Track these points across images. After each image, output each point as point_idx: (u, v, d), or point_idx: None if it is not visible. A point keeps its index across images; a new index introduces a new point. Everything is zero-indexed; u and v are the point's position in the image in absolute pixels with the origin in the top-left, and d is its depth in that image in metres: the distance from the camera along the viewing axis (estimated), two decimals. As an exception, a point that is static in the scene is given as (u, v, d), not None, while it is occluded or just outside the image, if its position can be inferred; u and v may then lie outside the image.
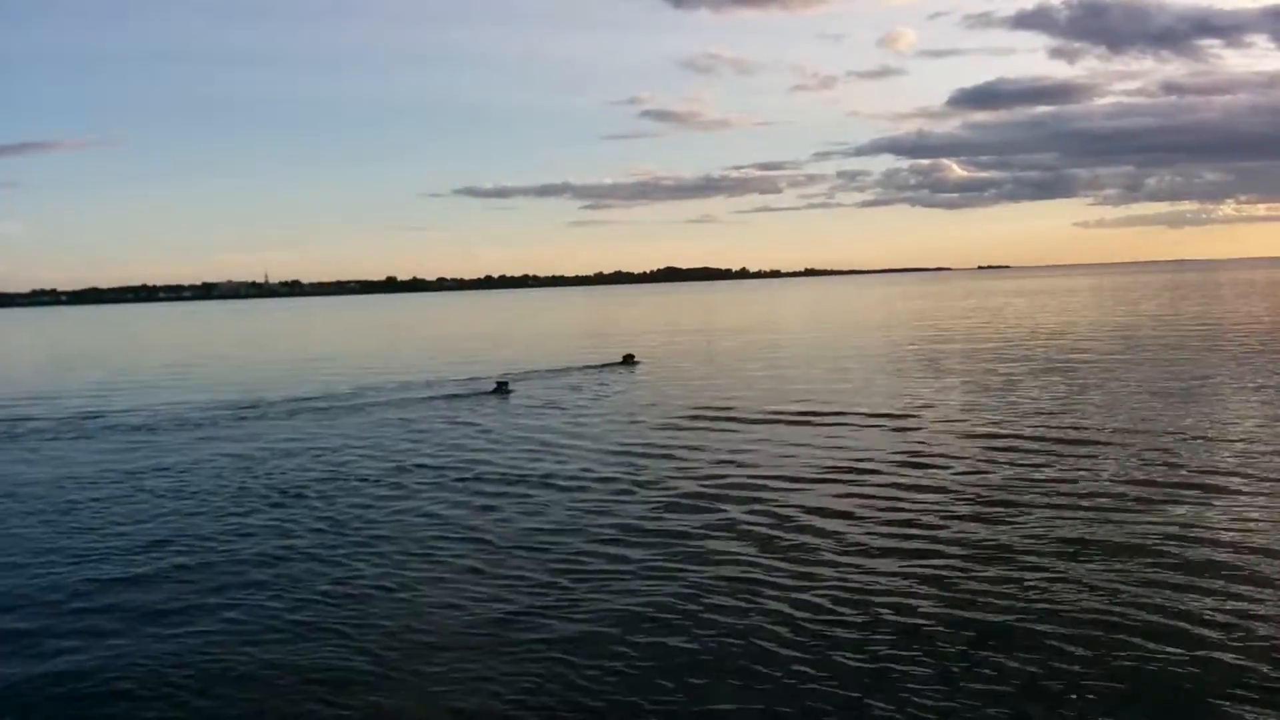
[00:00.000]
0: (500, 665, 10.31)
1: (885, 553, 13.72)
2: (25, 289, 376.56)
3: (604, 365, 42.47)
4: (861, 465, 19.57)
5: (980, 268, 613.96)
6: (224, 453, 23.63)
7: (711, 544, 14.46)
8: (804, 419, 25.85)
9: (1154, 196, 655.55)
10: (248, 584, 13.32)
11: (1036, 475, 18.16)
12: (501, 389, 33.54)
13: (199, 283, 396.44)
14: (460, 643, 10.98)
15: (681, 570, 13.25)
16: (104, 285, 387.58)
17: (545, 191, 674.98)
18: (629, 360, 43.11)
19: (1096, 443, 20.91)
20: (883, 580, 12.56)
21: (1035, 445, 20.91)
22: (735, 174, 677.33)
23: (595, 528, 15.55)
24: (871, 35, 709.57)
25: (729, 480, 18.67)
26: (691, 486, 18.26)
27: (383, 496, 18.35)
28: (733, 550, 14.11)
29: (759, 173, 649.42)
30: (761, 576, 12.86)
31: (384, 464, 21.45)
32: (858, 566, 13.16)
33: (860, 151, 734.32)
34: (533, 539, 15.02)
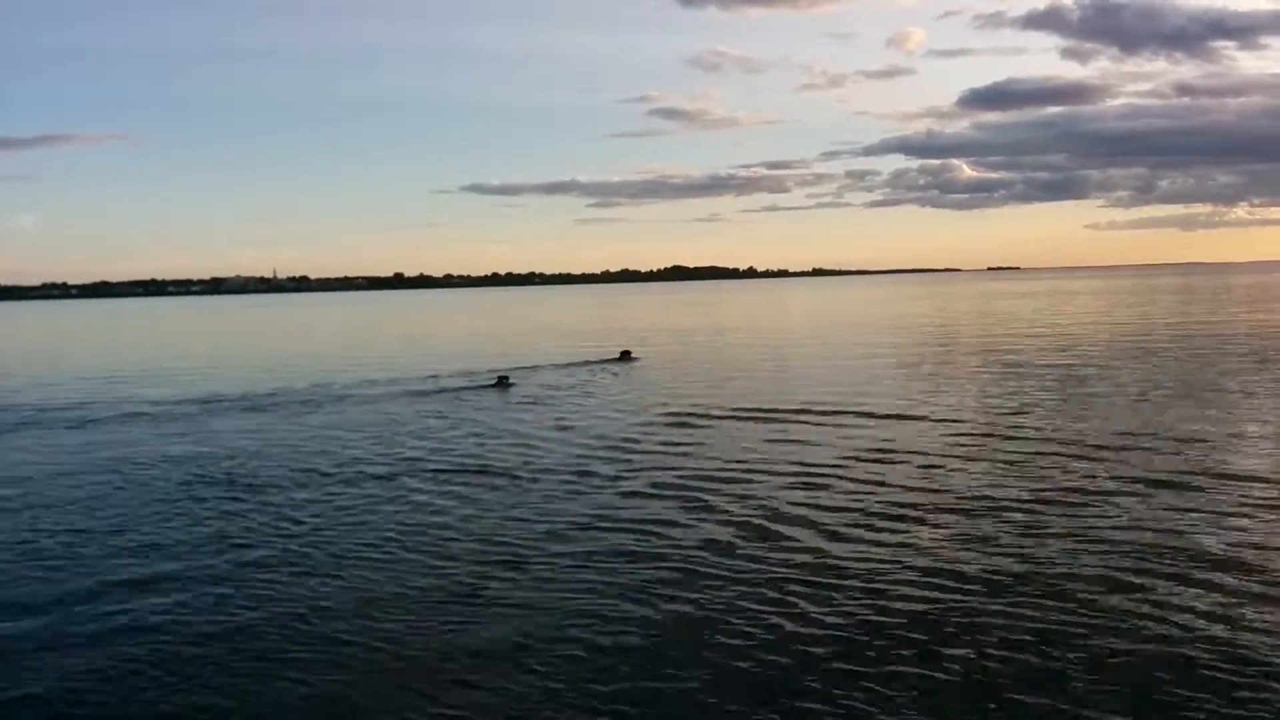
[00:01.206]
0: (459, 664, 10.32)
1: (859, 542, 13.78)
2: (36, 282, 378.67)
3: (602, 361, 42.89)
4: (842, 461, 19.58)
5: (990, 269, 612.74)
6: (222, 444, 23.87)
7: (668, 533, 14.55)
8: (791, 416, 25.87)
9: (1166, 199, 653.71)
10: (211, 568, 13.36)
11: (1032, 476, 18.07)
12: (502, 383, 34.09)
13: (208, 277, 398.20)
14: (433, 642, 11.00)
15: (635, 557, 13.35)
16: (114, 279, 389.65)
17: (553, 189, 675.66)
18: (626, 356, 43.65)
19: (1092, 445, 20.70)
20: (854, 571, 12.62)
21: (1030, 448, 20.65)
22: (743, 173, 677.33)
23: (556, 516, 15.69)
24: (880, 35, 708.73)
25: (699, 471, 18.80)
26: (661, 477, 18.38)
27: (382, 481, 18.56)
28: (693, 539, 14.17)
29: (767, 172, 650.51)
30: (730, 564, 12.93)
31: (387, 452, 21.96)
32: (822, 551, 13.21)
33: (869, 151, 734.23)
34: (507, 525, 15.14)
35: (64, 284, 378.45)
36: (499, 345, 58.06)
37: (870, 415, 25.45)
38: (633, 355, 43.91)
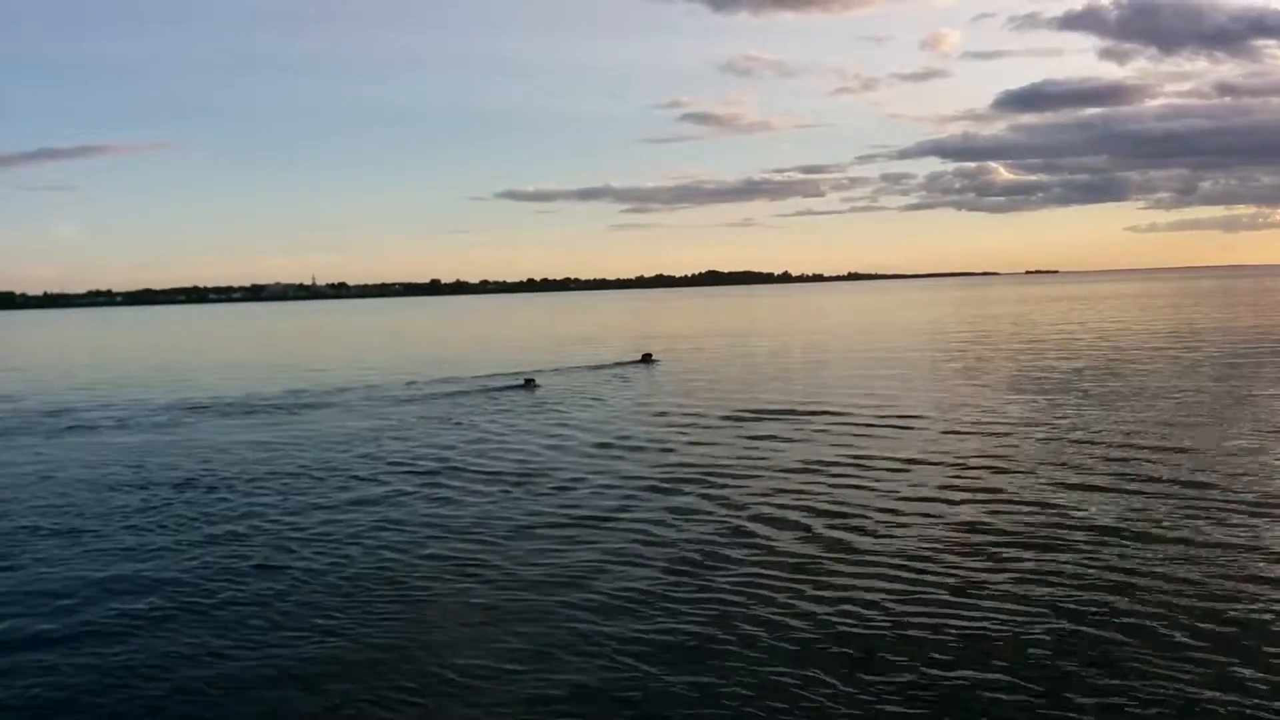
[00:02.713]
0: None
1: (861, 548, 14.66)
2: (81, 290, 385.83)
3: (624, 364, 44.57)
4: (856, 463, 20.48)
5: (1028, 272, 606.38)
6: (274, 439, 25.54)
7: (660, 530, 15.63)
8: (801, 418, 26.77)
9: (1208, 200, 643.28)
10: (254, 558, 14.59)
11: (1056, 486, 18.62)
12: (529, 384, 36.03)
13: (248, 284, 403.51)
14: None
15: (632, 554, 14.39)
16: (157, 286, 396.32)
17: (586, 195, 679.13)
18: (647, 359, 45.46)
19: (1110, 446, 21.17)
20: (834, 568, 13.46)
21: (1056, 452, 21.14)
22: (777, 177, 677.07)
23: (561, 511, 16.86)
24: (914, 37, 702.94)
25: (702, 469, 19.83)
26: (664, 474, 19.46)
27: (428, 474, 19.78)
28: (690, 535, 15.23)
29: (801, 176, 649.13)
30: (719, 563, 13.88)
31: (425, 447, 23.69)
32: (816, 559, 14.09)
33: (904, 154, 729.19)
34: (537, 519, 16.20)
35: (109, 291, 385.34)
36: (530, 350, 59.30)
37: (874, 418, 26.30)
38: (653, 358, 45.64)
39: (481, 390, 35.32)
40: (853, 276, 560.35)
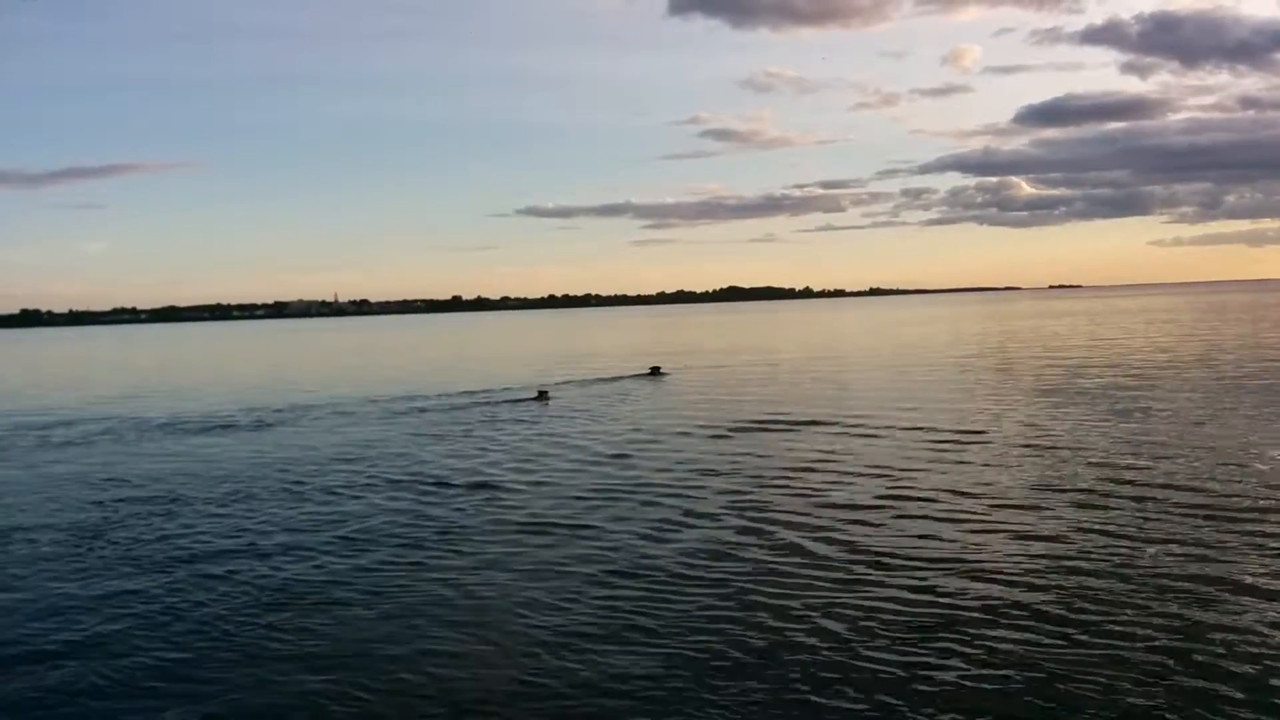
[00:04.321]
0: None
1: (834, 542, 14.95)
2: (107, 307, 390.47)
3: (633, 377, 46.43)
4: (836, 471, 20.98)
5: (1051, 287, 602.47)
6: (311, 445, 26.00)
7: (667, 536, 16.05)
8: (801, 429, 27.09)
9: (1233, 214, 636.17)
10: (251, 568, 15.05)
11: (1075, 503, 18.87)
12: (543, 396, 37.49)
13: (271, 301, 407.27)
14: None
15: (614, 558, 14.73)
16: (181, 304, 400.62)
17: (607, 211, 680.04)
18: (655, 372, 47.29)
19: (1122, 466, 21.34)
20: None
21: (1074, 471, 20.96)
22: (798, 193, 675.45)
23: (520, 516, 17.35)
24: (935, 52, 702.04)
25: (706, 478, 20.41)
26: (665, 480, 20.09)
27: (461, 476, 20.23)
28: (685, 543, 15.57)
29: (822, 191, 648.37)
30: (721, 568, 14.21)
31: (451, 451, 25.19)
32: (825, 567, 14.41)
33: (925, 169, 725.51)
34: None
35: (134, 309, 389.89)
36: (545, 364, 60.57)
37: (881, 427, 26.57)
38: (661, 371, 47.58)
39: (498, 402, 36.60)
40: (875, 292, 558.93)
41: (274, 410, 35.75)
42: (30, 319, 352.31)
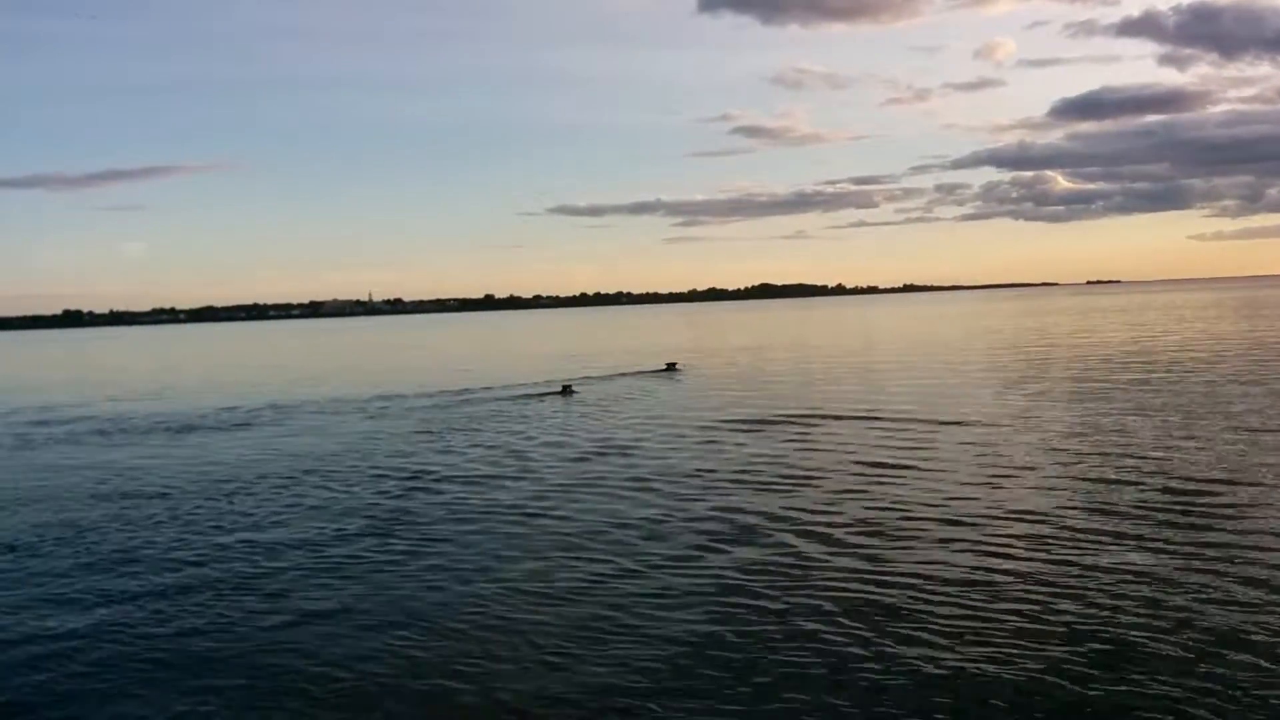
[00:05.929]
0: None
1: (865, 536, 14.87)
2: (147, 307, 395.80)
3: (650, 372, 48.77)
4: (838, 466, 21.13)
5: (1089, 282, 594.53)
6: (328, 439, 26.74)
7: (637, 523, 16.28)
8: (813, 423, 27.04)
9: (1276, 208, 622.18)
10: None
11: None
12: (567, 390, 39.30)
13: (306, 301, 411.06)
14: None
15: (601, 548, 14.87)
16: (219, 304, 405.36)
17: (638, 209, 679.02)
18: (671, 367, 49.64)
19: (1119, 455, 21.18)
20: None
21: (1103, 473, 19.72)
22: (830, 189, 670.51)
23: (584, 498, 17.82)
24: (968, 46, 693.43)
25: (699, 469, 20.79)
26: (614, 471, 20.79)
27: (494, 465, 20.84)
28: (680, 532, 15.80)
29: (854, 187, 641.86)
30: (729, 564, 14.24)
31: (488, 441, 26.83)
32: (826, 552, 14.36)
33: (959, 164, 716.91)
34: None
35: (173, 309, 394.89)
36: (571, 360, 61.56)
37: (890, 419, 26.42)
38: (677, 366, 49.87)
39: (526, 396, 38.41)
40: (909, 288, 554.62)
41: (307, 405, 37.25)
42: (72, 319, 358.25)
